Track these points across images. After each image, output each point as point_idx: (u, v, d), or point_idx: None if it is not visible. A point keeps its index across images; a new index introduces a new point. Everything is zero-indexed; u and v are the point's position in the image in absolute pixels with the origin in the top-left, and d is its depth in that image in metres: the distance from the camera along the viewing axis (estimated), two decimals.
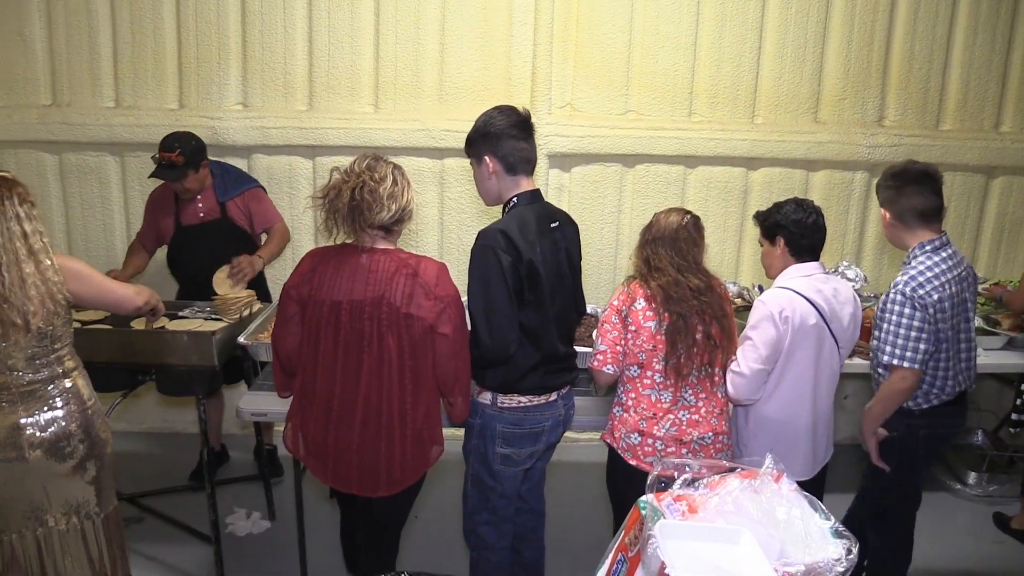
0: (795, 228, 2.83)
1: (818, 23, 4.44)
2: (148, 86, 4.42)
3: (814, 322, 2.76)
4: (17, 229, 2.43)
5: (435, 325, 2.50)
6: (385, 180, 2.48)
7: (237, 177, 3.96)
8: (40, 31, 4.37)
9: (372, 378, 2.51)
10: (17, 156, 4.48)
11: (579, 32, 4.36)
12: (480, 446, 2.78)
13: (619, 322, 2.71)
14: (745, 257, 4.71)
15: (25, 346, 2.48)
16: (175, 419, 4.87)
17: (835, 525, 1.68)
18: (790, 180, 4.60)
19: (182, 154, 3.61)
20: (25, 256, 2.44)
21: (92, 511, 2.68)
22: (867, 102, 4.56)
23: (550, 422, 2.78)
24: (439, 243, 4.56)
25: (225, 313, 3.46)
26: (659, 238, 2.73)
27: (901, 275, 2.80)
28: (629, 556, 1.68)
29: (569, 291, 2.77)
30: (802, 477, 2.81)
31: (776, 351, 2.75)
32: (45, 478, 2.56)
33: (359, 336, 2.49)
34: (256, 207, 3.91)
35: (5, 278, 2.40)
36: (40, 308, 2.45)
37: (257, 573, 3.55)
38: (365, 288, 2.47)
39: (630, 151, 4.46)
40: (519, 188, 2.68)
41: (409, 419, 2.57)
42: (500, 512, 2.85)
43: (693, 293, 2.65)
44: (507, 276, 2.51)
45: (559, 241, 2.70)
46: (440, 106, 4.42)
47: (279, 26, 4.33)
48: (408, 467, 2.63)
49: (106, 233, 4.58)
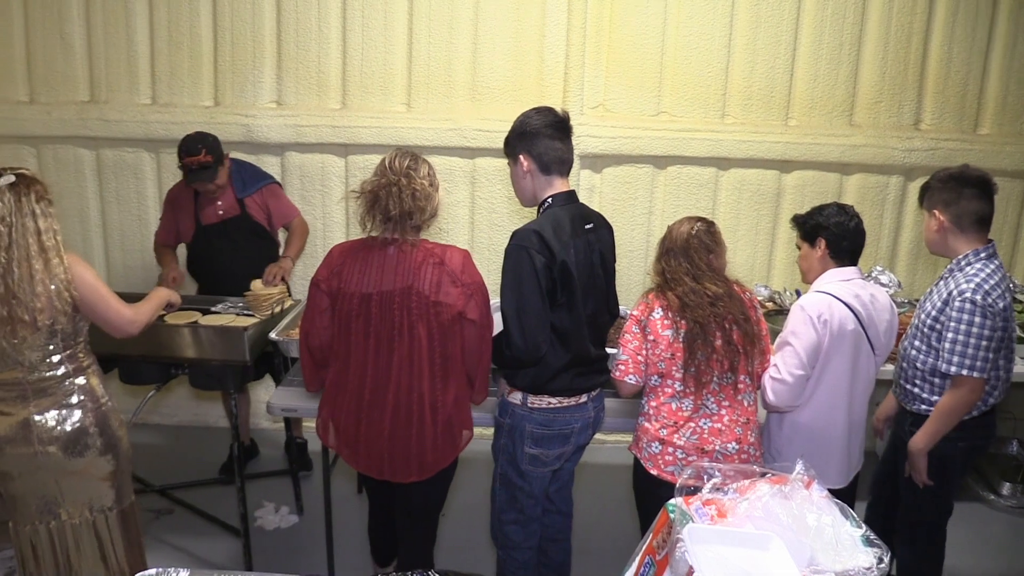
0: (837, 230, 2.80)
1: (854, 25, 4.38)
2: (184, 84, 4.48)
3: (852, 327, 2.72)
4: (31, 226, 2.46)
5: (463, 311, 2.56)
6: (424, 180, 2.55)
7: (254, 173, 3.99)
8: (79, 30, 4.44)
9: (403, 367, 2.56)
10: (56, 152, 4.56)
11: (612, 32, 4.35)
12: (509, 446, 2.78)
13: (639, 332, 2.70)
14: (777, 261, 4.67)
15: (34, 343, 2.51)
16: (206, 413, 4.93)
17: (866, 533, 1.66)
18: (824, 183, 4.55)
19: (209, 153, 3.65)
20: (36, 253, 2.46)
21: (107, 506, 2.71)
22: (903, 105, 4.50)
23: (579, 424, 2.78)
24: (470, 243, 4.57)
25: (257, 309, 3.50)
26: (671, 249, 2.72)
27: (964, 282, 2.69)
28: (657, 559, 1.68)
29: (602, 293, 2.76)
30: (836, 485, 2.77)
31: (816, 356, 2.72)
32: (58, 474, 2.60)
33: (390, 326, 2.54)
34: (274, 203, 3.94)
35: (15, 273, 2.43)
36: (47, 305, 2.48)
37: (285, 566, 3.57)
38: (394, 279, 2.52)
39: (662, 152, 4.44)
40: (553, 188, 2.68)
41: (440, 405, 2.62)
42: (527, 512, 2.85)
43: (710, 300, 2.62)
44: (540, 277, 2.51)
45: (593, 243, 2.69)
46: (472, 105, 4.44)
47: (313, 25, 4.37)
48: (439, 452, 2.67)
49: (141, 228, 4.65)
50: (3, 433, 2.55)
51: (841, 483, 2.84)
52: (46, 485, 2.61)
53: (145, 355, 3.29)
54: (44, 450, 2.56)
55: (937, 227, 2.83)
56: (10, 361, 2.52)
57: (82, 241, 4.67)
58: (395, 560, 3.13)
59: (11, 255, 2.43)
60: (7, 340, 2.48)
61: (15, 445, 2.55)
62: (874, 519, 3.15)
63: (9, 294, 2.43)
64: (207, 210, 3.87)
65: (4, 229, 2.43)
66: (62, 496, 2.63)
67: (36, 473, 2.59)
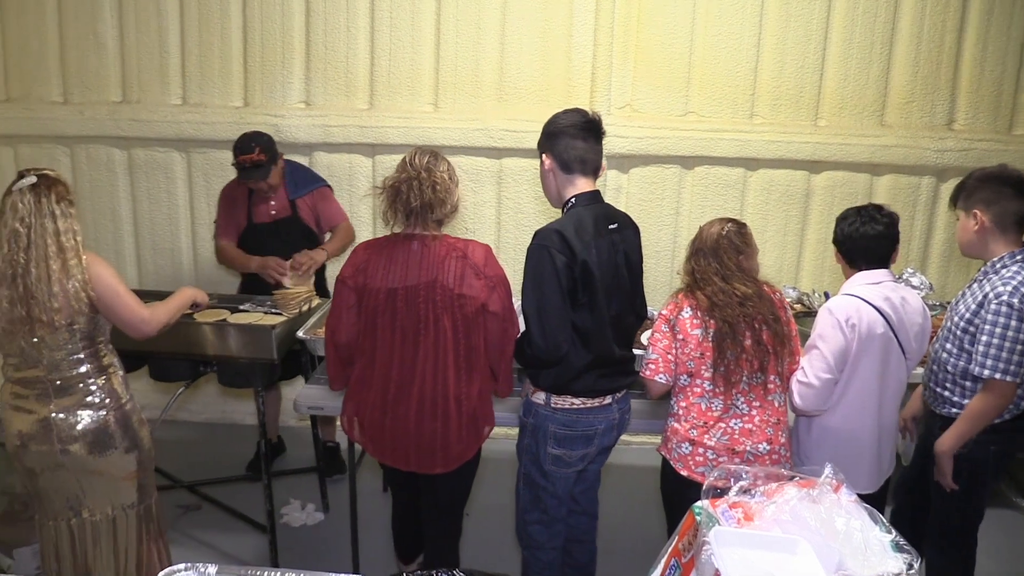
0: (856, 235, 2.79)
1: (886, 23, 4.33)
2: (214, 84, 4.52)
3: (881, 331, 2.68)
4: (50, 227, 2.49)
5: (486, 304, 2.61)
6: (444, 176, 2.61)
7: (307, 175, 4.02)
8: (112, 30, 4.51)
9: (429, 359, 2.61)
10: (88, 151, 4.63)
11: (640, 32, 4.33)
12: (532, 446, 2.79)
13: (668, 331, 2.70)
14: (805, 262, 4.63)
15: (54, 342, 2.54)
16: (233, 410, 4.98)
17: (896, 538, 1.65)
18: (854, 184, 4.50)
19: (262, 151, 3.68)
20: (54, 253, 2.48)
21: (129, 504, 2.74)
22: (936, 105, 4.44)
23: (603, 425, 2.77)
24: (496, 242, 4.57)
25: (284, 308, 3.53)
26: (701, 249, 2.73)
27: (1001, 285, 2.63)
28: (683, 562, 1.67)
29: (627, 294, 2.75)
30: (866, 490, 2.73)
31: (843, 359, 2.69)
32: (80, 472, 2.63)
33: (415, 320, 2.58)
34: (324, 206, 3.96)
35: (32, 273, 2.46)
36: (64, 305, 2.50)
37: (310, 563, 3.59)
38: (419, 273, 2.58)
39: (689, 153, 4.42)
40: (576, 188, 2.68)
41: (464, 397, 2.66)
42: (551, 512, 2.85)
43: (739, 300, 2.62)
44: (560, 276, 2.52)
45: (617, 243, 2.68)
46: (499, 106, 4.44)
47: (342, 26, 4.40)
48: (464, 444, 2.72)
49: (171, 226, 4.71)
50: (26, 430, 2.59)
51: (871, 488, 2.80)
52: (68, 483, 2.64)
53: (174, 352, 3.32)
54: (65, 448, 2.59)
55: (978, 227, 2.75)
56: (31, 360, 2.56)
57: (113, 239, 4.73)
58: (419, 557, 3.15)
59: (29, 255, 2.46)
60: (26, 340, 2.52)
61: (37, 443, 2.59)
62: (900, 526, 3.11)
63: (27, 294, 2.47)
64: (260, 209, 3.90)
65: (24, 230, 2.46)
66: (84, 494, 2.66)
67: (58, 471, 2.62)
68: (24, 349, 2.54)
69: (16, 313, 2.48)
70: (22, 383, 2.59)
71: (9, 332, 2.52)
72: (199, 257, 4.76)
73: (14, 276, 2.46)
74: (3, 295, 2.48)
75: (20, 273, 2.46)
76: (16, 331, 2.51)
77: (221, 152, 4.55)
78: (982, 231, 2.75)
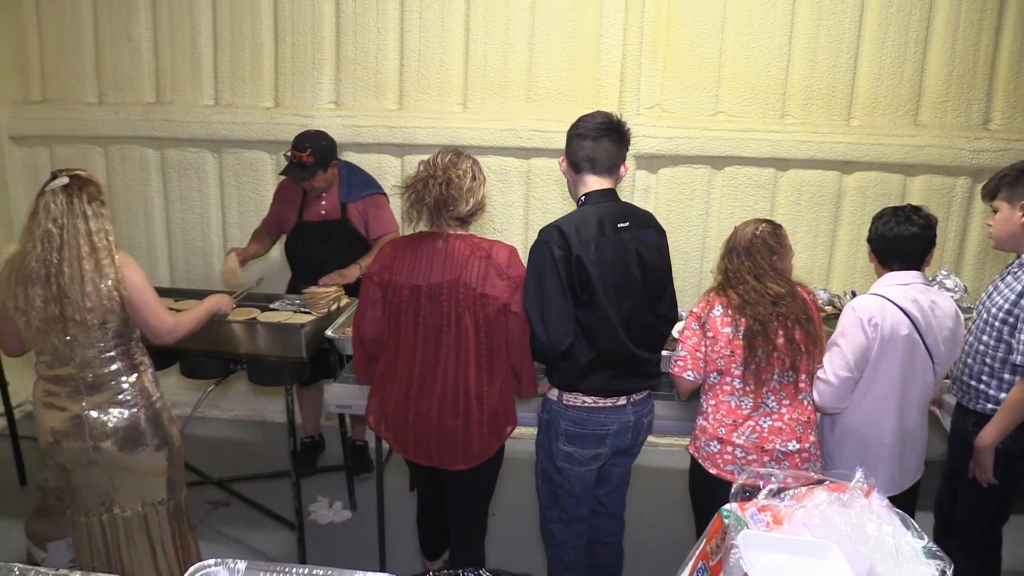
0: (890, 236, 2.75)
1: (921, 21, 4.26)
2: (245, 85, 4.57)
3: (906, 333, 2.64)
4: (82, 227, 2.52)
5: (508, 304, 2.62)
6: (466, 176, 2.63)
7: (363, 181, 4.03)
8: (146, 32, 4.58)
9: (451, 357, 2.64)
10: (123, 151, 4.71)
11: (669, 32, 4.31)
12: (546, 442, 2.82)
13: (699, 328, 2.70)
14: (837, 263, 4.57)
15: (87, 341, 2.58)
16: (263, 407, 5.02)
17: (928, 544, 1.62)
18: (887, 185, 4.44)
19: (312, 154, 3.72)
20: (87, 253, 2.52)
21: (159, 500, 2.78)
22: (972, 104, 4.37)
23: (615, 426, 2.75)
24: (524, 242, 4.56)
25: (313, 307, 3.56)
26: (735, 249, 2.74)
27: None
28: (710, 565, 1.66)
29: (640, 293, 2.70)
30: (887, 493, 2.70)
31: (864, 359, 2.66)
32: (111, 469, 2.67)
33: (438, 317, 2.61)
34: (374, 212, 3.96)
35: (65, 273, 2.50)
36: (97, 304, 2.54)
37: (337, 560, 3.61)
38: (443, 271, 2.60)
39: (719, 153, 4.39)
40: (587, 187, 2.70)
41: (486, 396, 2.68)
42: (570, 511, 2.86)
43: (772, 299, 2.62)
44: (560, 270, 2.55)
45: (628, 242, 2.65)
46: (528, 106, 4.44)
47: (372, 27, 4.42)
48: (485, 442, 2.74)
49: (203, 225, 4.77)
50: (59, 427, 2.63)
51: (891, 491, 2.76)
52: (100, 480, 2.68)
53: (206, 350, 3.36)
54: (97, 445, 2.63)
55: (1013, 221, 2.72)
56: (63, 358, 2.60)
57: (146, 238, 4.80)
58: (444, 553, 3.17)
59: (62, 255, 2.50)
60: (59, 338, 2.55)
61: (70, 439, 2.63)
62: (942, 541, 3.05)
63: (61, 293, 2.50)
64: (311, 207, 3.94)
65: (56, 230, 2.50)
66: (115, 490, 2.70)
67: (90, 468, 2.66)
68: (57, 347, 2.58)
69: (50, 312, 2.52)
70: (54, 380, 2.64)
71: (42, 331, 2.56)
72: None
73: (47, 276, 2.50)
74: (37, 294, 2.52)
75: (54, 273, 2.50)
76: (49, 329, 2.54)
77: (252, 152, 4.61)
78: (1019, 225, 2.72)
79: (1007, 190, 2.75)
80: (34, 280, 2.52)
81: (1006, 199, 2.75)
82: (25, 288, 2.52)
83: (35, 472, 3.88)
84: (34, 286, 2.52)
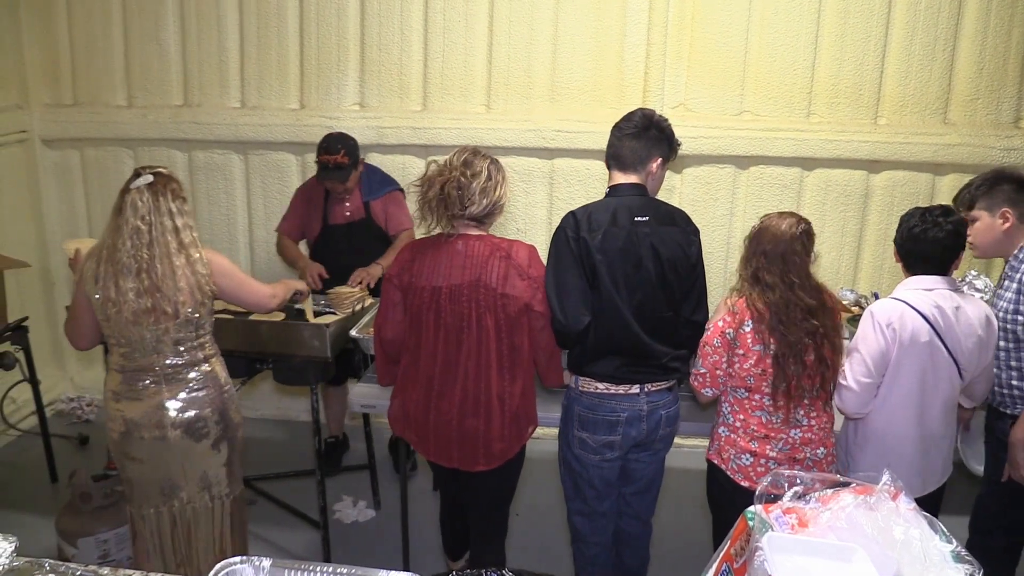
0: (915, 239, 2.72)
1: (950, 18, 4.21)
2: (272, 87, 4.61)
3: (926, 339, 2.58)
4: (169, 224, 2.61)
5: (529, 303, 2.63)
6: (479, 175, 2.60)
7: (382, 179, 4.07)
8: (174, 35, 4.64)
9: (471, 357, 2.64)
10: (151, 153, 4.77)
11: (694, 31, 4.28)
12: (565, 429, 2.86)
13: (722, 345, 2.63)
14: (863, 264, 4.52)
15: (172, 332, 2.64)
16: (288, 407, 5.06)
17: (957, 548, 1.60)
18: (915, 184, 4.39)
19: (347, 154, 3.76)
20: (176, 249, 2.61)
21: (223, 492, 2.83)
22: (1002, 102, 4.30)
23: (627, 414, 2.75)
24: (547, 243, 4.54)
25: (338, 307, 3.58)
26: (770, 250, 2.59)
27: None
28: (734, 567, 1.65)
29: (653, 288, 2.68)
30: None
31: (884, 363, 2.62)
32: (183, 456, 2.72)
33: (459, 318, 2.61)
34: (393, 209, 4.00)
35: (157, 269, 2.58)
36: (189, 298, 2.62)
37: (361, 559, 3.63)
38: (462, 272, 2.61)
39: (744, 152, 4.36)
40: (613, 181, 2.79)
41: (507, 396, 2.68)
42: (592, 504, 2.87)
43: (805, 314, 2.55)
44: (573, 251, 2.62)
45: (644, 236, 2.66)
46: (551, 106, 4.43)
47: (396, 28, 4.44)
48: (506, 443, 2.74)
49: (229, 226, 4.82)
50: (136, 418, 2.68)
51: (913, 494, 2.72)
52: (170, 468, 2.73)
53: (232, 350, 3.38)
54: (173, 434, 2.69)
55: (1008, 225, 2.77)
56: (148, 349, 2.66)
57: None
58: (466, 553, 3.17)
59: (152, 252, 2.58)
60: (149, 330, 2.62)
61: (147, 429, 2.68)
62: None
63: (153, 287, 2.58)
64: (335, 210, 3.97)
65: (144, 227, 2.59)
66: (185, 479, 2.76)
67: (163, 456, 2.71)
68: (145, 339, 2.64)
69: (142, 304, 2.59)
70: (134, 371, 2.69)
71: (133, 322, 2.62)
72: (256, 257, 4.86)
73: (139, 270, 2.58)
74: (129, 287, 2.59)
75: (145, 268, 2.58)
76: (141, 321, 2.61)
77: (278, 154, 4.65)
78: (1011, 229, 2.77)
79: (984, 199, 2.79)
80: (125, 274, 2.58)
81: (985, 208, 2.79)
82: (117, 280, 2.59)
83: (66, 469, 3.94)
84: (126, 279, 2.58)
